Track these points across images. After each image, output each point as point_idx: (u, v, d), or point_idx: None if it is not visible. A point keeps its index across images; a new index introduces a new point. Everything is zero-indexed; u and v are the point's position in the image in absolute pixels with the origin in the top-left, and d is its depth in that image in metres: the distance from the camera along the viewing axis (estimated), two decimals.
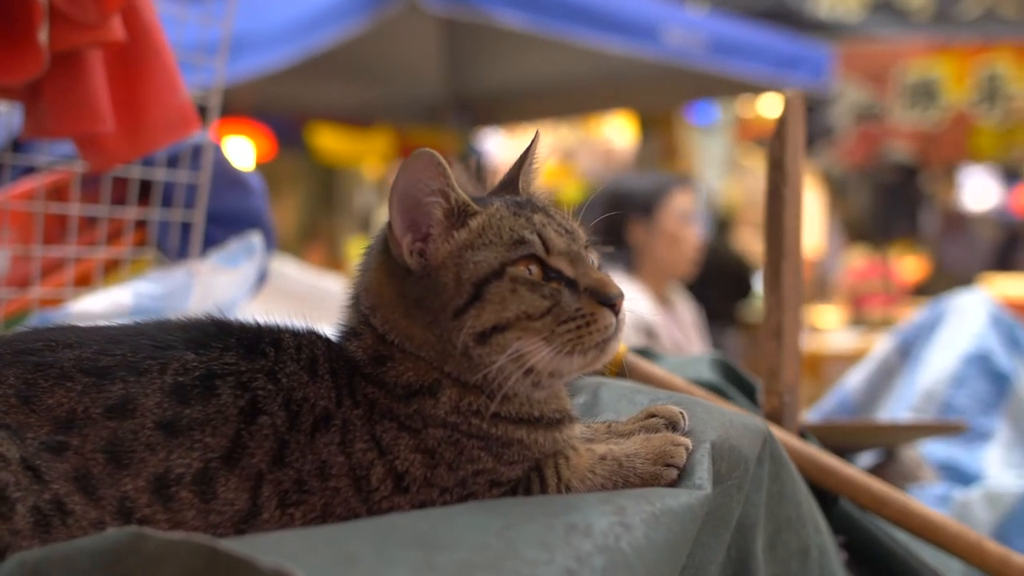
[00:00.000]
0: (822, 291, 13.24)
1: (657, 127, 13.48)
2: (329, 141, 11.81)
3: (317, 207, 15.49)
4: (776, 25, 9.88)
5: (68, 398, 1.36)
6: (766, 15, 10.33)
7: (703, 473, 1.48)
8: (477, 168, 2.12)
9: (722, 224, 11.73)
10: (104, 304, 2.45)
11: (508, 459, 1.42)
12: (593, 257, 1.50)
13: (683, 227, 5.44)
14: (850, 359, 6.93)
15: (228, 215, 2.92)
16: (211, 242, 2.84)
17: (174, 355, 1.41)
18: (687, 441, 1.51)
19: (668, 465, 1.47)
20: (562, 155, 14.12)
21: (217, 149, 2.87)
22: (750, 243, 13.64)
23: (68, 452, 1.33)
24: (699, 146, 13.89)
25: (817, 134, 13.02)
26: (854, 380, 3.83)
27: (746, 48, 8.91)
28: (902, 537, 2.22)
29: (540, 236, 1.45)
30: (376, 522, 1.26)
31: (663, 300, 5.53)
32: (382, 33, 7.55)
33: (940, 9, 10.95)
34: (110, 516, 1.32)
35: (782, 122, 2.25)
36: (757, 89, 10.56)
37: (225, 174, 2.91)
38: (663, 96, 11.10)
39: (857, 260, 13.65)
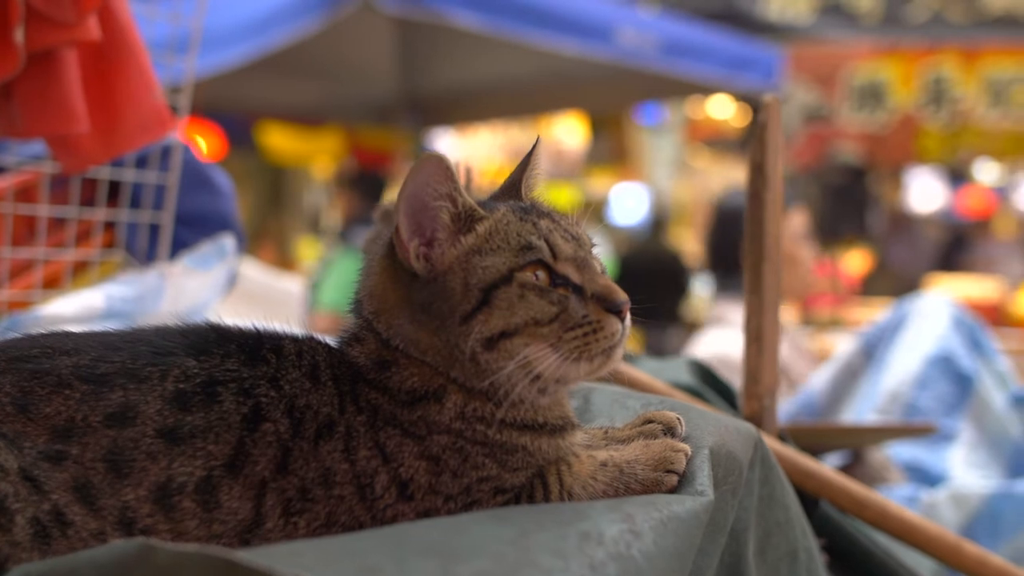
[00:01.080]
0: None
1: (607, 128, 13.54)
2: (279, 140, 11.75)
3: (266, 206, 15.40)
4: (726, 27, 9.94)
5: (66, 406, 1.33)
6: (716, 17, 10.39)
7: (704, 479, 1.47)
8: (467, 177, 2.11)
9: (658, 223, 11.75)
10: (75, 307, 2.41)
11: (512, 466, 1.41)
12: (598, 263, 1.50)
13: (800, 248, 5.10)
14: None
15: (197, 217, 2.89)
16: (179, 244, 2.81)
17: (175, 361, 1.38)
18: (686, 447, 1.50)
19: (668, 471, 1.47)
20: (512, 155, 14.12)
21: (186, 149, 2.84)
22: (688, 242, 13.72)
23: (67, 461, 1.30)
24: (649, 147, 13.95)
25: None
26: (819, 381, 3.85)
27: (698, 49, 8.95)
28: (881, 539, 2.23)
29: (547, 242, 1.45)
30: (389, 532, 1.25)
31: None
32: (334, 32, 7.52)
33: (889, 13, 11.07)
34: (111, 526, 1.30)
35: (762, 127, 2.25)
36: (708, 90, 10.63)
37: (194, 175, 2.89)
38: (614, 97, 11.15)
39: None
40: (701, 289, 12.05)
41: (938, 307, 3.71)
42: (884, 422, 3.31)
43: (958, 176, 16.06)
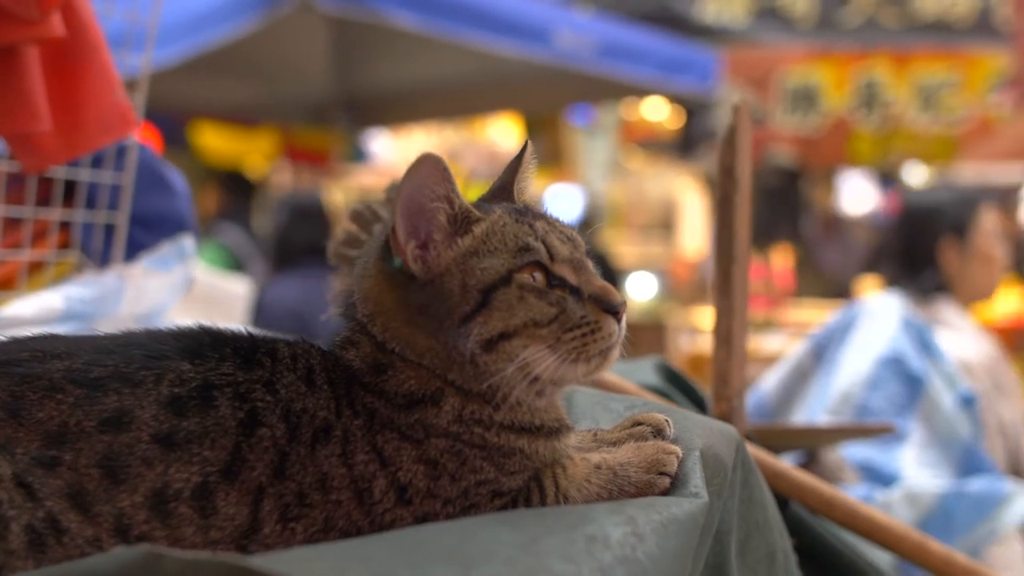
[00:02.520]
0: (703, 293, 13.40)
1: (542, 129, 13.55)
2: (213, 140, 11.64)
3: (200, 206, 15.23)
4: (662, 29, 9.98)
5: (59, 411, 1.30)
6: (652, 18, 10.43)
7: (698, 481, 1.48)
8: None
9: (584, 224, 11.78)
10: (34, 308, 2.37)
11: (509, 469, 1.40)
12: (592, 265, 1.50)
13: (995, 247, 4.79)
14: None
15: (152, 217, 2.85)
16: (135, 245, 2.77)
17: (169, 365, 1.36)
18: (677, 449, 1.51)
19: (661, 473, 1.47)
20: (446, 156, 14.06)
21: (142, 149, 2.80)
22: (621, 244, 13.78)
23: (61, 468, 1.28)
24: (583, 148, 13.99)
25: (700, 137, 13.21)
26: (769, 383, 3.88)
27: (634, 51, 8.99)
28: (849, 538, 2.26)
29: (544, 243, 1.44)
30: (399, 537, 1.23)
31: None
32: (270, 32, 7.46)
33: (823, 17, 11.18)
34: (107, 533, 1.27)
35: (732, 130, 2.26)
36: (644, 92, 10.68)
37: (150, 175, 2.84)
38: (550, 98, 11.17)
39: None
40: (631, 290, 12.11)
41: (887, 308, 3.76)
42: (843, 423, 3.35)
43: (889, 179, 16.23)
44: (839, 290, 12.13)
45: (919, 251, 4.70)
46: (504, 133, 14.48)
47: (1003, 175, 14.03)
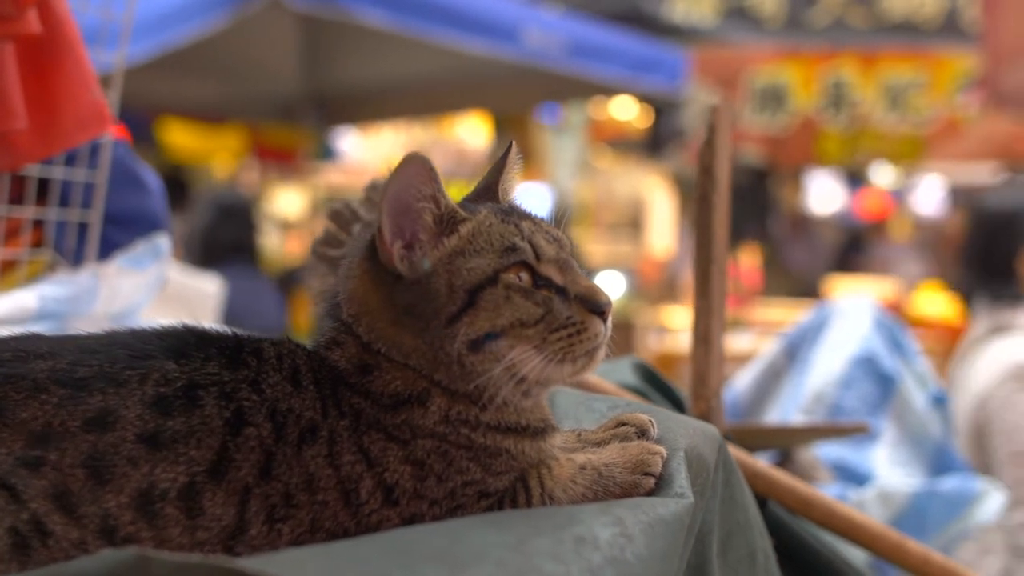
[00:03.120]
0: (671, 292, 13.44)
1: (511, 128, 13.53)
2: (180, 137, 11.58)
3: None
4: (631, 28, 9.99)
5: (43, 411, 1.29)
6: (621, 18, 10.43)
7: (683, 482, 1.48)
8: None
9: (554, 223, 11.75)
10: (8, 307, 2.34)
11: (496, 470, 1.40)
12: (579, 265, 1.49)
13: None
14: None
15: (126, 216, 2.83)
16: (108, 243, 2.75)
17: (154, 365, 1.35)
18: (662, 449, 1.50)
19: (646, 474, 1.47)
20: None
21: (117, 146, 2.78)
22: (589, 242, 13.78)
23: (45, 468, 1.26)
24: (552, 147, 13.99)
25: (668, 137, 13.24)
26: (742, 382, 3.89)
27: (603, 51, 8.98)
28: (827, 538, 2.26)
29: (530, 243, 1.44)
30: (390, 538, 1.23)
31: None
32: (238, 29, 7.40)
33: (791, 17, 11.22)
34: (92, 535, 1.26)
35: (711, 130, 2.26)
36: (613, 91, 10.68)
37: (124, 173, 2.82)
38: (518, 97, 11.15)
39: None
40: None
41: (860, 308, 3.77)
42: (818, 422, 3.35)
43: (856, 179, 16.34)
44: (806, 289, 12.19)
45: (998, 259, 4.63)
46: (472, 132, 14.48)
47: (970, 175, 14.15)
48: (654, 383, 2.46)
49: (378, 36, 7.84)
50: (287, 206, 13.96)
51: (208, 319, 3.68)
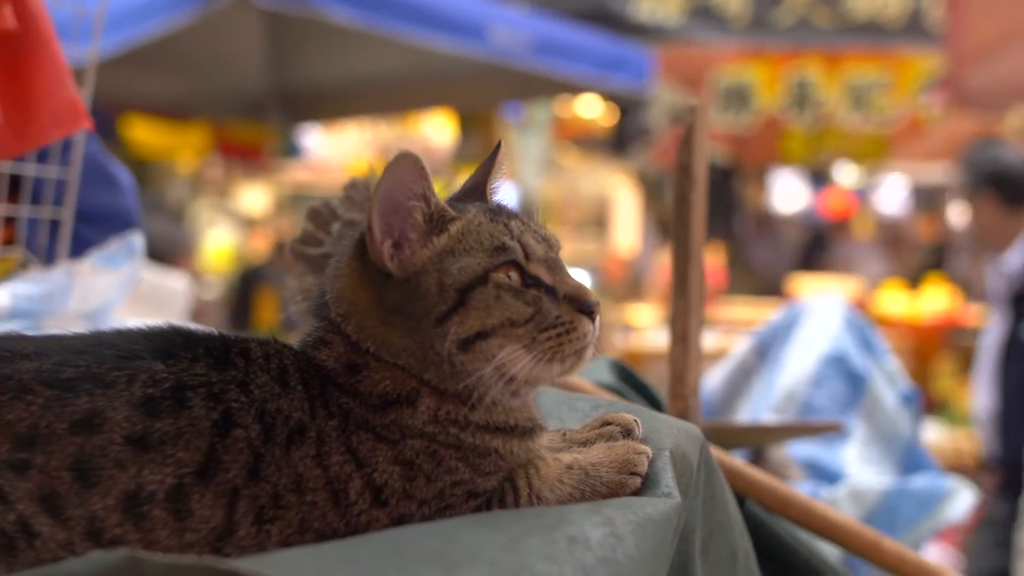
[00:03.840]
0: (636, 290, 13.48)
1: (476, 126, 13.52)
2: (143, 134, 11.49)
3: None
4: (597, 27, 9.99)
5: (29, 412, 1.28)
6: (587, 16, 10.43)
7: (669, 481, 1.48)
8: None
9: None
10: None
11: (484, 470, 1.40)
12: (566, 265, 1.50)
13: None
14: (665, 356, 7.03)
15: (98, 213, 2.82)
16: (81, 241, 2.73)
17: (142, 366, 1.34)
18: (648, 449, 1.51)
19: (632, 473, 1.47)
20: (380, 152, 14.06)
21: (89, 143, 2.76)
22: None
23: (32, 471, 1.25)
24: (517, 145, 13.98)
25: (633, 135, 13.25)
26: (713, 381, 3.90)
27: (570, 49, 8.99)
28: (803, 536, 2.27)
29: (520, 243, 1.44)
30: (383, 539, 1.23)
31: None
32: (203, 25, 7.35)
33: (756, 16, 11.24)
34: (79, 537, 1.25)
35: (689, 130, 2.27)
36: (579, 90, 10.68)
37: (96, 170, 2.81)
38: (485, 95, 11.13)
39: (671, 259, 13.89)
40: None
41: (830, 307, 3.79)
42: (791, 421, 3.37)
43: (820, 178, 16.42)
44: (770, 288, 12.25)
45: None
46: (438, 129, 14.46)
47: (933, 175, 14.24)
48: (630, 382, 2.47)
49: (344, 33, 7.82)
50: (252, 203, 13.92)
51: (177, 318, 3.66)
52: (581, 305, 1.43)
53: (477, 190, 1.59)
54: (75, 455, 1.27)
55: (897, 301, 10.76)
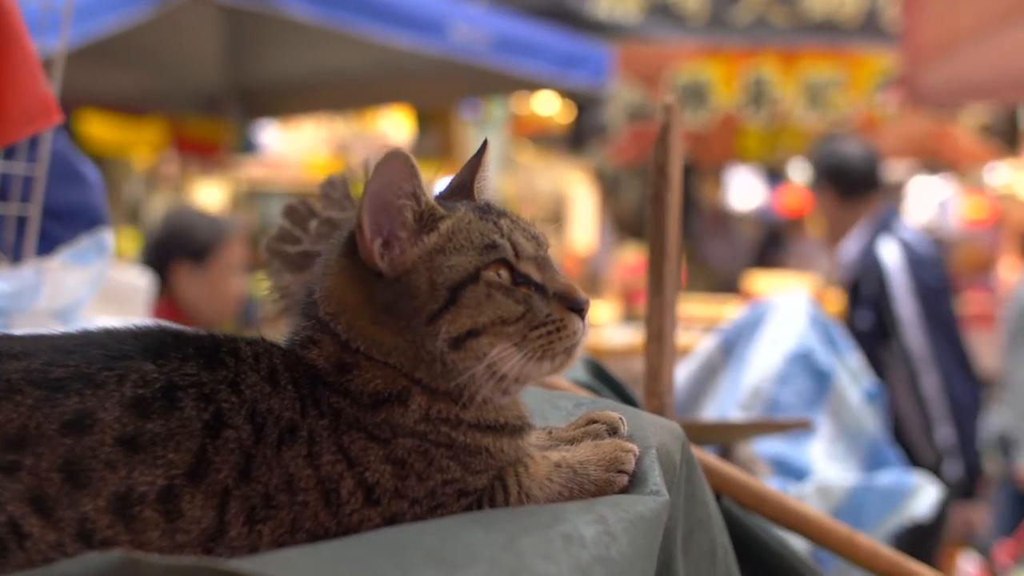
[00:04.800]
0: (594, 287, 13.49)
1: (433, 122, 13.52)
2: (98, 130, 11.39)
3: None
4: (555, 24, 10.01)
5: (18, 413, 1.26)
6: (546, 14, 10.44)
7: (657, 479, 1.49)
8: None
9: None
10: None
11: (475, 468, 1.40)
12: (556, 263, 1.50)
13: None
14: (625, 354, 7.07)
15: (65, 210, 2.79)
16: (48, 238, 2.71)
17: (132, 366, 1.32)
18: (634, 447, 1.51)
19: (620, 471, 1.48)
20: (336, 148, 14.01)
21: (56, 139, 2.73)
22: None
23: (21, 472, 1.24)
24: (474, 141, 13.97)
25: (590, 132, 13.28)
26: (678, 378, 3.91)
27: (530, 46, 8.98)
28: (777, 533, 2.29)
29: (510, 241, 1.44)
30: (380, 539, 1.22)
31: None
32: (160, 20, 7.30)
33: (714, 15, 11.30)
34: (70, 539, 1.23)
35: (665, 128, 2.27)
36: (538, 86, 10.68)
37: (63, 167, 2.78)
38: (443, 91, 11.12)
39: (628, 256, 13.97)
40: None
41: (796, 305, 3.81)
42: (760, 418, 3.39)
43: (776, 175, 16.49)
44: (727, 285, 12.30)
45: None
46: (395, 126, 14.42)
47: (887, 173, 14.34)
48: (604, 380, 2.47)
49: (302, 29, 7.78)
50: (207, 199, 13.82)
51: (139, 315, 3.63)
52: (571, 303, 1.43)
53: (464, 188, 1.59)
54: (65, 456, 1.25)
55: None
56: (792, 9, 11.31)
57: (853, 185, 6.18)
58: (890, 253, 5.77)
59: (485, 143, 1.63)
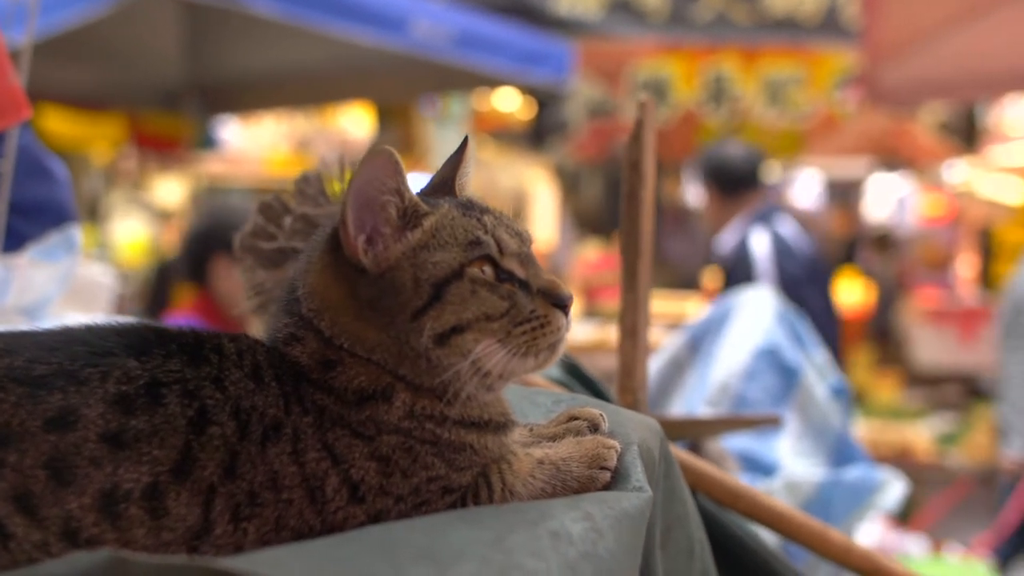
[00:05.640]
0: None
1: (394, 118, 13.49)
2: (56, 124, 11.29)
3: None
4: (516, 21, 10.01)
5: (1, 410, 1.25)
6: (507, 10, 10.45)
7: (639, 475, 1.49)
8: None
9: None
10: None
11: (459, 465, 1.39)
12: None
13: None
14: (588, 350, 7.08)
15: (33, 206, 2.76)
16: (15, 235, 2.68)
17: (116, 362, 1.31)
18: (616, 443, 1.52)
19: (602, 468, 1.48)
20: (297, 144, 13.96)
21: (23, 134, 2.70)
22: None
23: (5, 470, 1.23)
24: (435, 138, 13.95)
25: (551, 129, 13.29)
26: None
27: (491, 42, 8.97)
28: (751, 528, 2.30)
29: (494, 237, 1.44)
30: (369, 537, 1.22)
31: None
32: (119, 15, 7.23)
33: (675, 12, 11.34)
34: (55, 537, 1.22)
35: (638, 126, 2.28)
36: (499, 83, 10.68)
37: (30, 162, 2.75)
38: (404, 88, 11.10)
39: (589, 252, 14.00)
40: None
41: (762, 301, 3.83)
42: (729, 414, 3.41)
43: None
44: (686, 281, 12.33)
45: None
46: (356, 122, 14.38)
47: (846, 170, 14.44)
48: (577, 376, 2.47)
49: (263, 24, 7.75)
50: (167, 195, 13.74)
51: (103, 311, 3.61)
52: (554, 299, 1.44)
53: (445, 185, 1.59)
54: (49, 453, 1.24)
55: None
56: (752, 7, 11.36)
57: (733, 184, 6.69)
58: (760, 243, 6.24)
59: (466, 139, 1.63)
